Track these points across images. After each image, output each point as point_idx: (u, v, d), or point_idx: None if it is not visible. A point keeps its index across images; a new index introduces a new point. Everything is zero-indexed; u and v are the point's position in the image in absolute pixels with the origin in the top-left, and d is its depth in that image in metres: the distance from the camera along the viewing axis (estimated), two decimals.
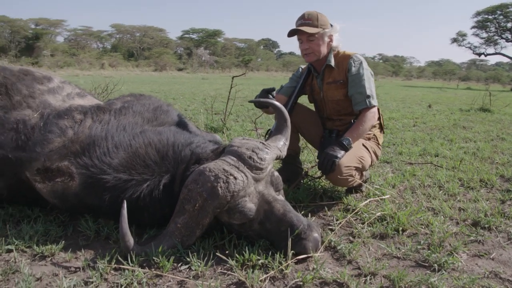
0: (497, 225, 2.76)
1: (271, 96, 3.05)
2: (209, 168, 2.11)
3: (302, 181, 3.52)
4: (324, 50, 3.09)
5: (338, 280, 1.97)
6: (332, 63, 3.13)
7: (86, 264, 2.05)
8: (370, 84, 3.02)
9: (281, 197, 2.28)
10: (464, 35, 53.87)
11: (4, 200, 2.68)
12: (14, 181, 2.50)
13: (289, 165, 3.53)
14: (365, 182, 3.38)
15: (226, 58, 65.15)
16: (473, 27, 51.91)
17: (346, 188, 3.27)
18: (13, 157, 2.40)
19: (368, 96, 2.98)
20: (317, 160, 3.03)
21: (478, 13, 50.96)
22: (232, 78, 6.44)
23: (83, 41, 63.96)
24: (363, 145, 3.11)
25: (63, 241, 2.27)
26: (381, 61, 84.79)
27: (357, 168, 2.96)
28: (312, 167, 3.89)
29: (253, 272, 1.98)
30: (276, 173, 2.32)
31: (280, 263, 2.05)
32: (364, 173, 3.20)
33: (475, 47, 53.48)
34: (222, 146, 2.39)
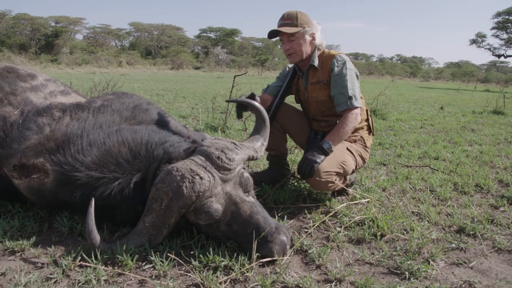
0: (483, 232, 2.67)
1: (258, 98, 3.02)
2: (176, 168, 2.09)
3: (288, 182, 3.47)
4: (306, 49, 3.04)
5: (301, 285, 1.92)
6: (316, 63, 3.07)
7: (52, 260, 2.06)
8: (353, 84, 2.94)
9: (250, 198, 2.25)
10: (484, 36, 52.81)
11: None
12: None
13: (276, 166, 3.49)
14: (352, 185, 3.31)
15: (243, 57, 65.19)
16: (493, 28, 50.88)
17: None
18: None
19: (350, 97, 2.90)
20: None
21: (498, 14, 49.88)
22: (234, 77, 6.43)
23: (102, 39, 64.89)
24: (347, 148, 3.04)
25: (35, 237, 2.30)
26: (399, 62, 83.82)
27: (338, 173, 2.89)
28: None
29: (214, 273, 1.95)
30: (246, 174, 2.29)
31: (243, 265, 2.03)
32: (349, 176, 3.13)
33: (495, 48, 52.47)
34: (194, 145, 2.36)
